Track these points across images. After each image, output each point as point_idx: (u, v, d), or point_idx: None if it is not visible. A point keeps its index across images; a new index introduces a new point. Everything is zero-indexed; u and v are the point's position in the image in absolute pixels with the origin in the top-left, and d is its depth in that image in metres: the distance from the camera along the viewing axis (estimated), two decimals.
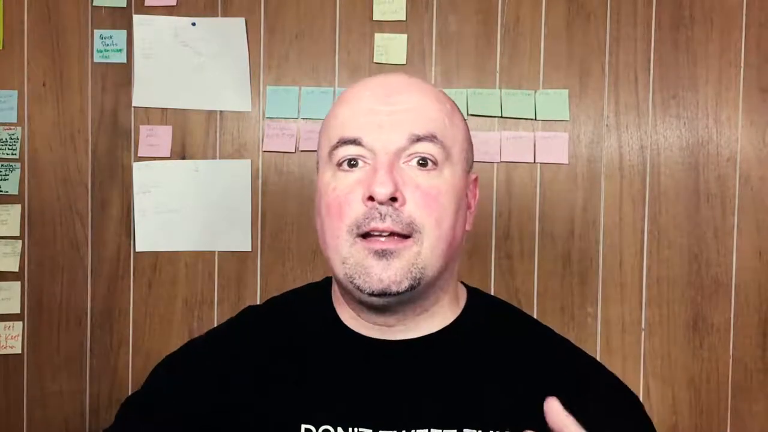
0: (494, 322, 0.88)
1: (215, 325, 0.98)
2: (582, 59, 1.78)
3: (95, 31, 1.82)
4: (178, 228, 1.82)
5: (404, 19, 1.79)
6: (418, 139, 0.79)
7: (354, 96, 0.83)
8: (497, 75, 1.78)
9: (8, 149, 1.81)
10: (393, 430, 0.78)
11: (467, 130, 0.87)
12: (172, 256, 1.82)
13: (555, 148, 1.77)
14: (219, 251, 1.82)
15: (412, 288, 0.78)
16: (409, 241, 0.77)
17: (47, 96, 1.82)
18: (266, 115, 1.81)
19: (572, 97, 1.78)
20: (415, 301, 0.81)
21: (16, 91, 1.82)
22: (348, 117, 0.81)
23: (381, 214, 0.76)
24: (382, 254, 0.76)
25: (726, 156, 1.77)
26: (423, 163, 0.79)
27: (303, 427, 0.80)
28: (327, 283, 0.92)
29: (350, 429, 0.79)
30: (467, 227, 0.86)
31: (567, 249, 1.78)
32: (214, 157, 1.82)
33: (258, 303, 1.81)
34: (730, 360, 1.77)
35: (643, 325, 1.77)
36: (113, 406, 1.82)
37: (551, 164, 1.77)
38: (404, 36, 1.79)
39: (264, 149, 1.81)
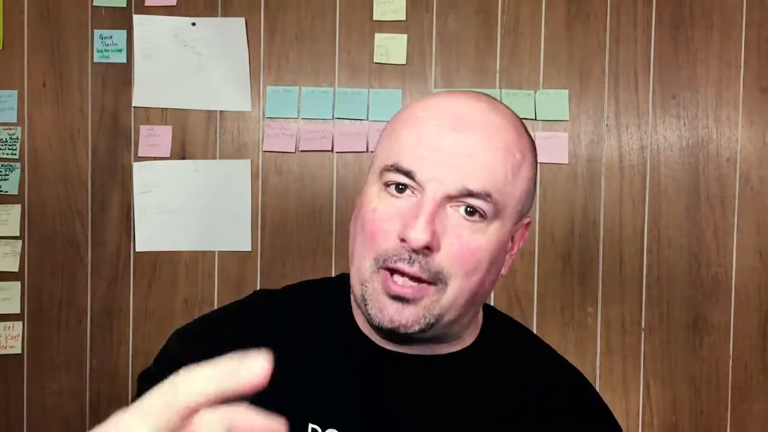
0: (510, 348, 0.87)
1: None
2: (582, 59, 1.78)
3: (95, 31, 1.82)
4: (178, 228, 1.82)
5: (404, 19, 1.79)
6: (471, 194, 0.74)
7: (421, 120, 0.78)
8: (497, 75, 1.78)
9: (8, 149, 1.81)
10: None
11: (532, 179, 0.81)
12: (172, 256, 1.82)
13: (555, 148, 1.77)
14: (219, 251, 1.82)
15: (423, 331, 0.76)
16: (430, 289, 0.75)
17: (47, 96, 1.82)
18: (266, 115, 1.81)
19: (572, 97, 1.78)
20: (431, 339, 0.80)
21: (16, 91, 1.82)
22: (408, 144, 0.77)
23: (410, 258, 0.74)
24: (397, 298, 0.75)
25: (726, 156, 1.77)
26: (471, 211, 0.75)
27: (310, 426, 0.79)
28: (344, 280, 0.89)
29: None
30: (503, 271, 0.83)
31: (567, 249, 1.78)
32: (214, 157, 1.82)
33: None
34: (730, 360, 1.76)
35: (643, 325, 1.77)
36: (113, 406, 1.82)
37: (551, 164, 1.77)
38: (404, 36, 1.79)
39: (264, 149, 1.81)
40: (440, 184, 0.74)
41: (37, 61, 1.82)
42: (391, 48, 1.79)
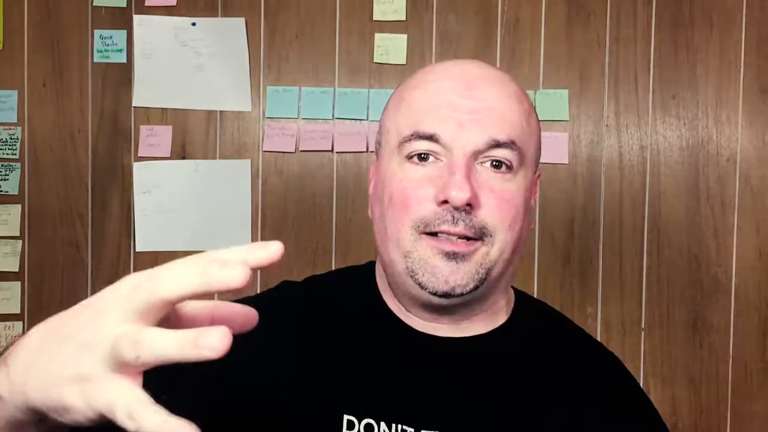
0: (543, 327, 0.87)
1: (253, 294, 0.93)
2: (582, 59, 1.78)
3: (95, 31, 1.82)
4: (178, 228, 1.82)
5: (404, 19, 1.79)
6: (498, 144, 0.75)
7: (432, 83, 0.78)
8: None
9: (8, 149, 1.81)
10: (436, 430, 0.75)
11: (539, 128, 0.84)
12: (172, 256, 1.81)
13: (555, 148, 1.77)
14: None
15: (476, 288, 0.76)
16: (478, 243, 0.75)
17: (47, 96, 1.82)
18: (266, 115, 1.81)
19: (572, 97, 1.78)
20: (474, 302, 0.79)
21: (16, 91, 1.82)
22: (425, 108, 0.77)
23: (453, 218, 0.74)
24: (452, 256, 0.74)
25: (726, 156, 1.77)
26: (498, 165, 0.76)
27: (345, 417, 0.76)
28: (370, 268, 0.88)
29: (393, 425, 0.75)
30: (530, 226, 0.84)
31: (567, 249, 1.78)
32: (214, 157, 1.82)
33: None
34: (730, 360, 1.76)
35: (643, 325, 1.77)
36: None
37: (551, 164, 1.77)
38: (404, 36, 1.79)
39: (264, 149, 1.81)
40: (467, 141, 0.75)
41: (37, 61, 1.82)
42: (391, 48, 1.79)
